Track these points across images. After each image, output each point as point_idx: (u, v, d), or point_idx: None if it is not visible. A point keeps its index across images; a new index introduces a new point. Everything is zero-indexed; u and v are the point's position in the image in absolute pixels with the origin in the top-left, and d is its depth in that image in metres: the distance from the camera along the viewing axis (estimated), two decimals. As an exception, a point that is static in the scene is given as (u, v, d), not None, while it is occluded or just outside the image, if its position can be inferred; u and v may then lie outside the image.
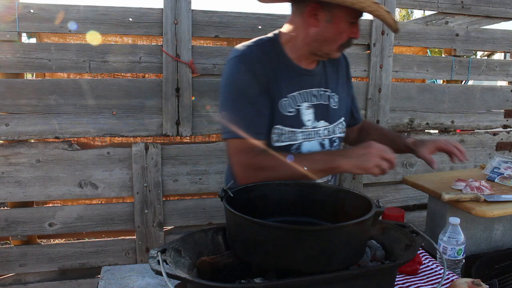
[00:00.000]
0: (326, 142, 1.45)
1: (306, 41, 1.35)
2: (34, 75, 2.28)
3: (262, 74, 1.32)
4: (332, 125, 1.47)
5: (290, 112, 1.36)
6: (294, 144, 1.38)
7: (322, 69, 1.47)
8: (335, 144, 1.49)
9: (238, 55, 1.34)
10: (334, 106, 1.48)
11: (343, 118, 1.53)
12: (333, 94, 1.48)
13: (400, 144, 1.57)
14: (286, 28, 1.41)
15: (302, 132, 1.39)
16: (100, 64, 2.14)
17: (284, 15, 2.35)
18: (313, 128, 1.41)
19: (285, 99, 1.36)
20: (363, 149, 1.23)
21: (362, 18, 1.38)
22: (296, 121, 1.38)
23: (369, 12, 1.26)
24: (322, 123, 1.44)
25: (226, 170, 1.58)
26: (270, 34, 1.44)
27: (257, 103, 1.31)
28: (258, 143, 1.30)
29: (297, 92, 1.39)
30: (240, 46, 1.38)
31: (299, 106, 1.38)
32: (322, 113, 1.44)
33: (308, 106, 1.40)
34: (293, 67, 1.39)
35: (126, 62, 2.17)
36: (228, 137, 1.33)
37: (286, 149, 1.37)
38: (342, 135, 1.53)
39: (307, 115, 1.40)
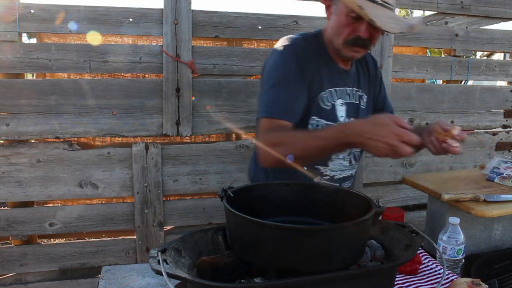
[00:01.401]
0: None
1: (328, 37, 1.43)
2: (35, 75, 2.28)
3: (308, 67, 1.37)
4: None
5: (327, 106, 1.43)
6: None
7: (355, 70, 1.54)
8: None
9: (288, 44, 1.39)
10: (363, 106, 1.54)
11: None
12: (363, 94, 1.55)
13: None
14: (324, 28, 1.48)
15: None
16: (101, 64, 2.15)
17: (284, 15, 2.35)
18: None
19: (324, 92, 1.42)
20: (377, 124, 1.08)
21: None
22: (331, 115, 1.44)
23: (356, 11, 1.28)
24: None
25: (250, 159, 1.68)
26: (313, 31, 1.50)
27: (296, 89, 1.35)
28: (286, 123, 1.32)
29: (334, 88, 1.45)
30: (288, 38, 1.44)
31: (334, 101, 1.44)
32: (353, 111, 1.50)
33: (342, 103, 1.46)
34: (333, 64, 1.46)
35: (126, 62, 2.18)
36: (260, 117, 1.35)
37: None
38: None
39: (341, 111, 1.46)
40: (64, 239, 2.77)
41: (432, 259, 1.36)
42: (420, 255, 1.35)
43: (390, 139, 1.03)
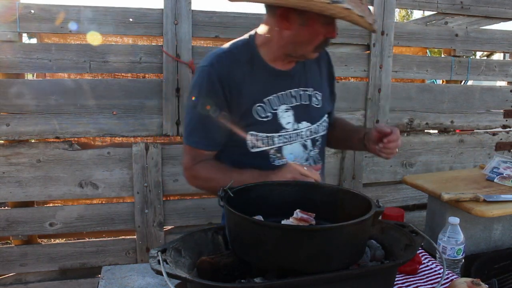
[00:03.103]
0: (309, 143, 1.43)
1: (281, 44, 1.32)
2: (35, 75, 2.28)
3: (226, 87, 1.30)
4: (315, 125, 1.44)
5: (266, 117, 1.34)
6: (272, 148, 1.36)
7: (301, 68, 1.42)
8: (317, 143, 1.47)
9: (206, 65, 1.33)
10: (317, 104, 1.45)
11: (326, 116, 1.50)
12: (315, 92, 1.45)
13: (355, 141, 1.50)
14: (261, 29, 1.36)
15: (280, 136, 1.36)
16: (101, 64, 2.15)
17: (284, 15, 2.35)
18: (294, 130, 1.39)
19: (260, 104, 1.34)
20: (282, 174, 1.25)
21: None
22: (273, 126, 1.35)
23: (341, 18, 1.21)
24: (304, 124, 1.41)
25: None
26: (246, 36, 1.40)
27: (212, 118, 1.32)
28: (206, 153, 1.37)
29: (274, 95, 1.36)
30: (212, 53, 1.36)
31: (275, 109, 1.35)
32: (303, 114, 1.41)
33: (286, 109, 1.37)
34: (269, 69, 1.36)
35: (127, 62, 2.18)
36: (184, 143, 1.41)
37: (264, 155, 1.35)
38: (325, 132, 1.50)
39: (286, 118, 1.37)
40: (64, 239, 2.77)
41: (432, 259, 1.36)
42: (420, 255, 1.35)
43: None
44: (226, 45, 1.38)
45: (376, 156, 1.42)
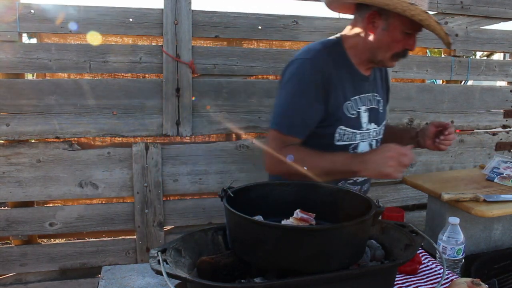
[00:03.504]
0: (374, 143, 1.57)
1: (365, 47, 1.44)
2: (35, 75, 2.28)
3: (326, 81, 1.39)
4: (379, 128, 1.59)
5: (353, 114, 1.47)
6: (352, 144, 1.49)
7: (373, 76, 1.57)
8: (378, 144, 1.60)
9: (308, 58, 1.41)
10: (381, 110, 1.60)
11: (385, 121, 1.65)
12: (380, 98, 1.59)
13: (407, 140, 1.66)
14: (349, 32, 1.49)
15: (360, 133, 1.50)
16: (101, 64, 2.15)
17: (284, 15, 2.35)
18: (367, 130, 1.53)
19: (349, 102, 1.46)
20: (381, 154, 1.29)
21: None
22: (357, 123, 1.48)
23: (419, 20, 1.32)
24: (372, 126, 1.55)
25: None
26: (334, 37, 1.51)
27: (309, 105, 1.39)
28: (295, 139, 1.40)
29: (358, 96, 1.49)
30: (309, 48, 1.45)
31: (359, 109, 1.49)
32: (374, 116, 1.55)
33: (365, 110, 1.51)
34: (356, 72, 1.49)
35: (127, 62, 2.18)
36: (272, 127, 1.42)
37: (345, 148, 1.47)
38: (382, 136, 1.64)
39: (364, 117, 1.51)
40: (64, 239, 2.77)
41: (432, 259, 1.36)
42: (420, 255, 1.35)
43: (388, 165, 1.25)
44: (318, 43, 1.48)
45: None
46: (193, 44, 2.24)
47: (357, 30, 1.45)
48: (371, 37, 1.41)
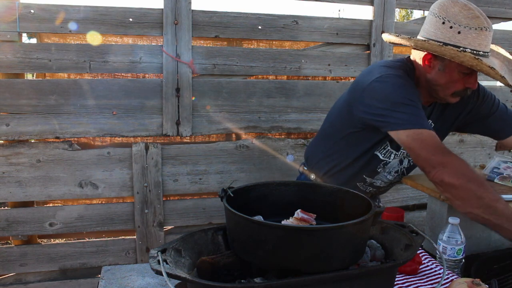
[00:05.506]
0: (405, 162, 1.60)
1: (423, 84, 1.44)
2: (35, 75, 2.28)
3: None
4: None
5: None
6: (385, 160, 1.54)
7: (431, 109, 1.54)
8: (411, 162, 1.60)
9: (397, 74, 1.39)
10: None
11: None
12: (432, 125, 1.54)
13: None
14: (415, 60, 1.46)
15: (396, 154, 1.54)
16: (101, 64, 2.15)
17: (284, 15, 2.35)
18: (401, 153, 1.55)
19: None
20: None
21: (363, 18, 1.38)
22: (398, 147, 1.50)
23: (470, 66, 1.28)
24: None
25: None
26: (402, 63, 1.47)
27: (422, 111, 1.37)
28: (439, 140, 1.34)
29: None
30: (390, 67, 1.41)
31: None
32: None
33: None
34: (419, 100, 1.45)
35: (126, 62, 2.18)
36: (408, 128, 1.32)
37: (377, 159, 1.52)
38: None
39: None
40: (64, 239, 2.77)
41: (432, 259, 1.36)
42: (420, 255, 1.35)
43: None
44: (395, 62, 1.48)
45: None
46: (193, 44, 2.24)
47: (418, 65, 1.44)
48: (429, 76, 1.42)
